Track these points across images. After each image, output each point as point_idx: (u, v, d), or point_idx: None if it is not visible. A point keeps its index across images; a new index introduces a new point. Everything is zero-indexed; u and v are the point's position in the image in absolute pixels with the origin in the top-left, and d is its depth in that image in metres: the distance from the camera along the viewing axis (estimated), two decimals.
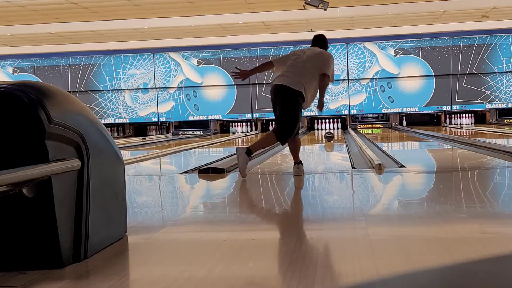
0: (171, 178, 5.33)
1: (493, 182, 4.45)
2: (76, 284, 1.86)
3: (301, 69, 4.61)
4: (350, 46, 16.12)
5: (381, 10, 12.66)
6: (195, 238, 2.53)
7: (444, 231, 2.47)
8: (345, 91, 16.29)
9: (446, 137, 10.37)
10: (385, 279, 1.80)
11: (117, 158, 2.45)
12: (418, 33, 15.62)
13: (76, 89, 16.77)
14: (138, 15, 12.60)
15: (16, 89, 1.96)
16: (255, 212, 3.24)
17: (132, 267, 2.13)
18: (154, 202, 3.91)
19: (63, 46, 15.97)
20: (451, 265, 1.94)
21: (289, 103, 4.57)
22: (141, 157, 7.75)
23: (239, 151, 4.64)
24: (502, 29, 15.36)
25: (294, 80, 4.56)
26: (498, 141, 9.22)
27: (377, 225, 2.66)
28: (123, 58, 16.86)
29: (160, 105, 16.89)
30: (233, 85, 16.53)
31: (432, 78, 16.02)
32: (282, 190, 4.22)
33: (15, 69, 17.31)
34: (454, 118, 16.44)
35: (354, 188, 4.31)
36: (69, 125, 2.04)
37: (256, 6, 12.01)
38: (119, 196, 2.44)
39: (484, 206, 3.24)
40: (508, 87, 15.90)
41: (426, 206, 3.32)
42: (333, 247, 2.30)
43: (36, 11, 11.75)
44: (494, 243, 2.23)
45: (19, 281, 1.87)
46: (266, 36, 15.58)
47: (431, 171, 5.37)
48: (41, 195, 1.95)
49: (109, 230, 2.34)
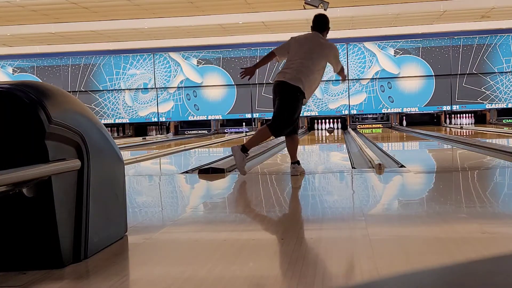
0: (171, 178, 5.33)
1: (493, 182, 4.45)
2: (76, 284, 1.86)
3: (300, 66, 4.61)
4: (350, 46, 16.13)
5: (381, 10, 12.67)
6: (195, 238, 2.53)
7: (444, 231, 2.47)
8: (345, 91, 16.29)
9: (446, 137, 10.37)
10: (385, 279, 1.80)
11: (117, 158, 2.45)
12: (418, 33, 15.62)
13: (76, 89, 16.77)
14: (138, 15, 12.60)
15: (16, 89, 1.96)
16: (255, 212, 3.24)
17: (132, 267, 2.13)
18: (154, 202, 3.91)
19: (63, 46, 15.97)
20: (451, 265, 1.94)
21: (286, 96, 4.60)
22: (141, 157, 7.75)
23: (234, 150, 4.64)
24: (502, 29, 15.36)
25: (293, 76, 4.57)
26: (498, 141, 9.22)
27: (377, 225, 2.66)
28: (123, 58, 16.86)
29: (160, 105, 16.89)
30: (233, 85, 16.53)
31: (432, 78, 16.03)
32: (282, 190, 4.22)
33: (15, 69, 17.31)
34: (454, 118, 16.45)
35: (354, 188, 4.31)
36: (69, 125, 2.04)
37: (256, 6, 12.01)
38: (119, 196, 2.44)
39: (484, 206, 3.24)
40: (508, 87, 15.90)
41: (426, 206, 3.32)
42: (333, 247, 2.30)
43: (36, 11, 11.75)
44: (494, 243, 2.23)
45: (19, 281, 1.87)
46: (266, 36, 15.57)
47: (431, 171, 5.36)
48: (41, 195, 1.95)
49: (109, 230, 2.34)
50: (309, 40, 4.78)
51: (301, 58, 4.64)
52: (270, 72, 16.18)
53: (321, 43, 4.76)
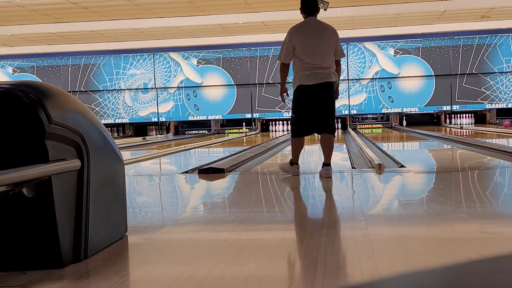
0: (171, 178, 5.33)
1: (493, 182, 4.45)
2: (76, 284, 1.86)
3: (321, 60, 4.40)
4: (350, 46, 16.12)
5: (381, 10, 12.66)
6: (195, 238, 2.53)
7: (444, 231, 2.47)
8: (345, 91, 16.29)
9: (446, 137, 10.37)
10: (385, 279, 1.80)
11: (117, 158, 2.45)
12: (418, 33, 15.62)
13: (76, 89, 16.77)
14: (138, 15, 12.59)
15: (16, 89, 1.96)
16: (255, 212, 3.24)
17: (132, 267, 2.13)
18: (154, 202, 3.91)
19: (63, 46, 15.96)
20: (451, 265, 1.94)
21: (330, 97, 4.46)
22: (141, 157, 7.75)
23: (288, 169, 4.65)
24: (502, 29, 15.36)
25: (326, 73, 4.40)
26: (498, 141, 9.21)
27: (377, 225, 2.66)
28: (123, 58, 16.86)
29: (160, 105, 16.89)
30: (233, 85, 16.54)
31: (432, 78, 16.03)
32: (282, 190, 4.22)
33: (15, 69, 17.31)
34: (454, 118, 16.45)
35: (354, 188, 4.31)
36: (69, 125, 2.04)
37: (256, 6, 12.01)
38: (119, 196, 2.44)
39: (484, 206, 3.24)
40: (508, 87, 15.90)
41: (426, 206, 3.32)
42: (333, 247, 2.30)
43: (36, 11, 11.74)
44: (494, 243, 2.23)
45: (19, 281, 1.87)
46: (266, 36, 15.57)
47: (431, 171, 5.36)
48: (41, 195, 1.95)
49: (109, 230, 2.34)
50: (318, 30, 4.46)
51: (317, 53, 4.40)
52: (270, 72, 16.19)
53: (325, 28, 4.50)
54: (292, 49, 4.45)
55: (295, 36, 4.46)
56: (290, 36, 4.49)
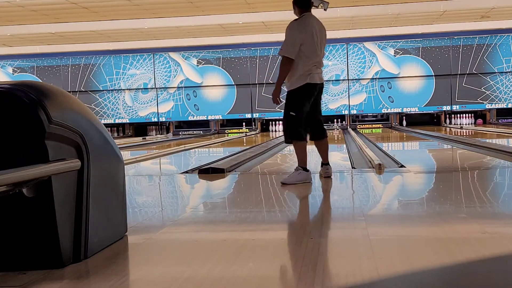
0: (171, 178, 5.33)
1: (493, 182, 4.45)
2: (76, 284, 1.86)
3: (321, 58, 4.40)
4: (350, 46, 16.12)
5: (381, 10, 12.66)
6: (195, 238, 2.53)
7: (444, 231, 2.47)
8: (345, 91, 16.29)
9: (446, 137, 10.37)
10: (385, 279, 1.80)
11: (117, 158, 2.45)
12: (418, 33, 15.62)
13: (76, 89, 16.77)
14: (138, 15, 12.59)
15: (16, 89, 1.96)
16: (255, 212, 3.24)
17: (132, 267, 2.13)
18: (154, 202, 3.91)
19: (63, 46, 15.96)
20: (451, 265, 1.94)
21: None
22: (141, 157, 7.75)
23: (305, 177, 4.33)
24: (502, 29, 15.36)
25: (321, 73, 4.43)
26: (498, 141, 9.21)
27: (377, 225, 2.66)
28: (123, 58, 16.86)
29: (160, 105, 16.88)
30: (233, 85, 16.54)
31: (432, 78, 16.03)
32: (282, 190, 4.22)
33: (15, 69, 17.31)
34: (454, 118, 16.45)
35: (354, 188, 4.31)
36: (69, 125, 2.04)
37: (256, 6, 12.01)
38: (119, 196, 2.44)
39: (484, 206, 3.24)
40: (508, 87, 15.90)
41: (426, 206, 3.32)
42: (333, 247, 2.30)
43: (36, 11, 11.74)
44: (494, 243, 2.23)
45: (19, 281, 1.87)
46: (266, 36, 15.57)
47: (431, 171, 5.36)
48: (41, 195, 1.95)
49: (109, 230, 2.34)
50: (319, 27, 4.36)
51: (321, 51, 4.37)
52: (270, 72, 16.18)
53: (323, 26, 4.43)
54: (299, 45, 4.22)
55: (304, 32, 4.24)
56: (298, 31, 4.25)
